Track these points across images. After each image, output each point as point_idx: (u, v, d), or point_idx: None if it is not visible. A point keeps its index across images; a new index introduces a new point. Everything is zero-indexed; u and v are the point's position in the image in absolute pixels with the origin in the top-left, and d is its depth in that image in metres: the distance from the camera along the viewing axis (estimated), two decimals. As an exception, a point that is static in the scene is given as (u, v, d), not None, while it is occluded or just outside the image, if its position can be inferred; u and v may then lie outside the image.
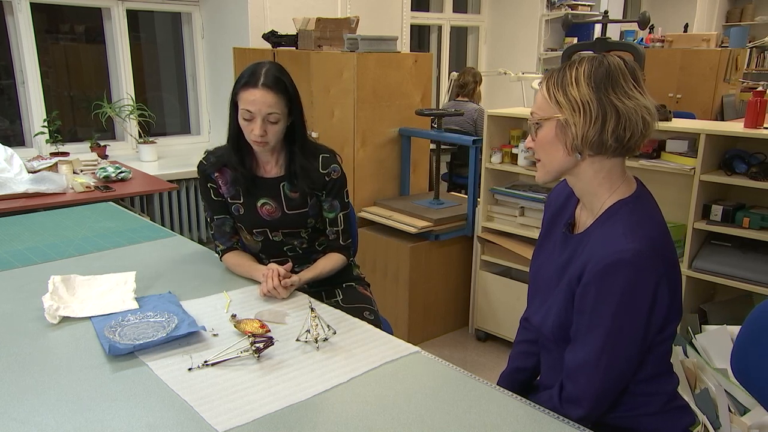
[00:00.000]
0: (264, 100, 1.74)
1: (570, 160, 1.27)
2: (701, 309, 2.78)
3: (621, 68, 1.23)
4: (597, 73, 1.21)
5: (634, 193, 1.29)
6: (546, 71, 1.34)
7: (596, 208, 1.30)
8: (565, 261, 1.33)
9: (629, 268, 1.18)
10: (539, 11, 5.74)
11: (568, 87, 1.23)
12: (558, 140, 1.26)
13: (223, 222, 1.97)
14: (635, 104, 1.21)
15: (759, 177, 2.46)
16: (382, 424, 1.19)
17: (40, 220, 2.46)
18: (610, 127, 1.21)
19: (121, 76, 4.21)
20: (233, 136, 1.85)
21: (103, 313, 1.60)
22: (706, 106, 5.47)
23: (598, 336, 1.23)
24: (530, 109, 1.33)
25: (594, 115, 1.21)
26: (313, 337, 1.49)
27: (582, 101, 1.21)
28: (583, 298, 1.25)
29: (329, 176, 1.90)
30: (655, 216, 1.29)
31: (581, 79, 1.22)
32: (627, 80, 1.22)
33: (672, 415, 1.34)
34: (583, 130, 1.22)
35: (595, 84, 1.21)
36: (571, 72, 1.24)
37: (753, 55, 7.93)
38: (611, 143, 1.22)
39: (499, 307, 3.29)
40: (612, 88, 1.21)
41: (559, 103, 1.24)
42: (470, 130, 4.55)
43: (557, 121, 1.25)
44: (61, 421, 1.17)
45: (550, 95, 1.25)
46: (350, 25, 3.66)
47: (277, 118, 1.77)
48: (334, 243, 2.00)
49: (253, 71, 1.77)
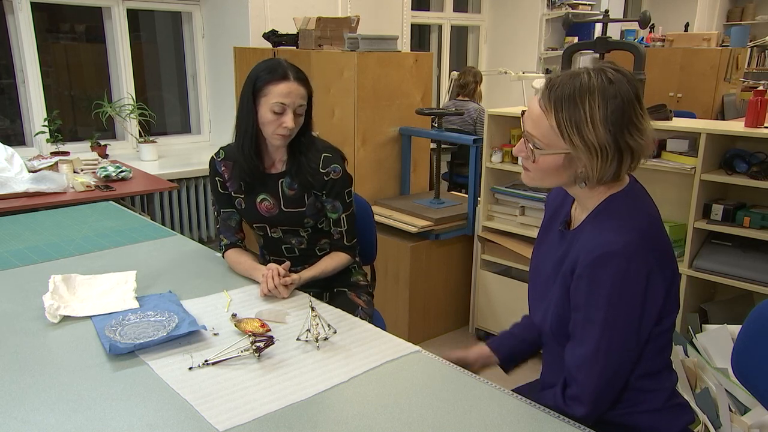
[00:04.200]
0: (298, 92, 1.79)
1: (570, 183, 1.28)
2: (702, 308, 2.78)
3: (632, 101, 1.19)
4: (613, 111, 1.17)
5: (625, 187, 1.30)
6: (546, 73, 1.29)
7: (589, 205, 1.31)
8: (561, 257, 1.34)
9: (619, 259, 1.19)
10: (540, 10, 5.74)
11: (584, 128, 1.18)
12: (564, 170, 1.25)
13: (230, 216, 1.99)
14: (647, 137, 1.22)
15: (759, 176, 2.45)
16: (382, 424, 1.19)
17: (40, 219, 2.46)
18: (626, 165, 1.22)
19: (122, 76, 4.21)
20: (250, 132, 1.84)
21: (104, 312, 1.61)
22: (707, 105, 5.46)
23: (594, 330, 1.24)
24: (524, 117, 1.28)
25: (611, 157, 1.20)
26: (313, 337, 1.49)
27: (600, 146, 1.18)
28: (577, 293, 1.26)
29: (328, 176, 1.90)
30: (647, 208, 1.30)
31: (596, 119, 1.17)
32: (638, 113, 1.20)
33: (671, 413, 1.34)
34: (600, 171, 1.21)
35: (612, 126, 1.17)
36: (584, 104, 1.17)
37: (754, 55, 7.92)
38: (623, 175, 1.26)
39: (499, 306, 3.29)
40: (627, 128, 1.19)
41: (574, 144, 1.19)
42: (470, 129, 4.55)
43: (567, 154, 1.22)
44: (62, 420, 1.17)
45: (562, 131, 1.19)
46: (351, 25, 3.66)
47: (303, 111, 1.84)
48: (338, 243, 2.01)
49: (274, 67, 1.79)
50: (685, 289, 2.67)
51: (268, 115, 1.79)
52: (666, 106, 2.81)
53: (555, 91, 1.20)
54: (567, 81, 1.20)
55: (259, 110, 1.81)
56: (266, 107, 1.78)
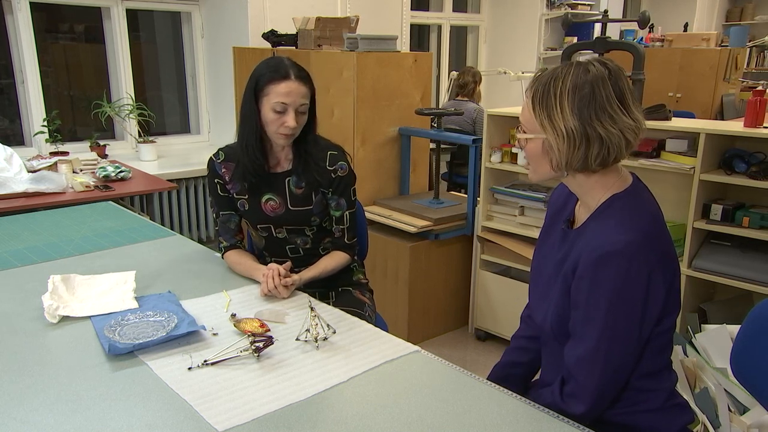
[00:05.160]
0: (299, 91, 1.79)
1: (557, 172, 1.30)
2: (701, 308, 2.79)
3: (605, 88, 1.21)
4: (582, 99, 1.21)
5: (628, 187, 1.30)
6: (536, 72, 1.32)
7: (592, 205, 1.32)
8: (563, 256, 1.35)
9: (621, 259, 1.20)
10: (539, 10, 5.74)
11: (553, 112, 1.23)
12: (544, 156, 1.28)
13: (229, 218, 1.98)
14: (620, 127, 1.22)
15: (759, 176, 2.46)
16: (382, 424, 1.19)
17: (39, 219, 2.46)
18: (594, 153, 1.23)
19: (121, 76, 4.21)
20: (253, 132, 1.84)
21: (103, 312, 1.60)
22: (706, 105, 5.46)
23: (595, 329, 1.24)
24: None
25: (578, 142, 1.22)
26: (312, 337, 1.49)
27: (566, 129, 1.22)
28: (578, 292, 1.26)
29: (335, 173, 1.90)
30: (649, 208, 1.30)
31: (566, 105, 1.22)
32: (611, 101, 1.22)
33: (671, 413, 1.35)
34: (567, 157, 1.24)
35: (579, 111, 1.21)
36: (555, 92, 1.23)
37: (753, 55, 7.93)
38: (594, 165, 1.25)
39: (498, 306, 3.29)
40: (596, 115, 1.21)
41: (544, 126, 1.25)
42: (470, 129, 4.55)
43: (543, 140, 1.26)
44: (61, 421, 1.17)
45: (536, 114, 1.26)
46: (350, 25, 3.66)
47: (305, 109, 1.83)
48: (338, 241, 2.01)
49: (276, 66, 1.79)
50: (685, 289, 2.67)
51: (270, 115, 1.79)
52: (665, 106, 2.81)
53: (536, 80, 1.27)
54: (549, 71, 1.26)
55: (261, 110, 1.81)
56: (268, 107, 1.79)
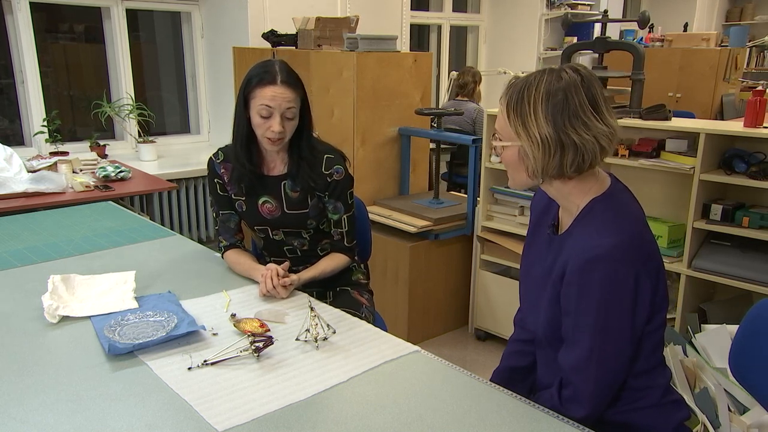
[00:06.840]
0: (284, 96, 1.77)
1: (533, 180, 1.30)
2: (701, 308, 2.78)
3: (578, 95, 1.21)
4: (555, 105, 1.21)
5: (607, 190, 1.30)
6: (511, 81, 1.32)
7: (573, 210, 1.32)
8: (550, 263, 1.35)
9: (606, 263, 1.20)
10: (539, 10, 5.74)
11: (527, 119, 1.23)
12: (520, 163, 1.28)
13: (229, 218, 1.98)
14: (593, 133, 1.22)
15: (759, 176, 2.46)
16: (382, 424, 1.19)
17: (39, 219, 2.46)
18: (569, 160, 1.23)
19: (121, 76, 4.20)
20: (242, 135, 1.85)
21: (103, 312, 1.60)
22: (706, 105, 5.46)
23: (586, 334, 1.24)
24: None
25: (553, 149, 1.23)
26: (312, 337, 1.49)
27: (541, 136, 1.22)
28: (567, 299, 1.26)
29: (331, 177, 1.90)
30: (630, 209, 1.30)
31: (539, 112, 1.22)
32: (584, 108, 1.22)
33: (666, 409, 1.35)
34: (543, 164, 1.24)
35: (554, 118, 1.21)
36: (529, 99, 1.23)
37: (753, 55, 7.93)
38: (570, 172, 1.25)
39: (498, 306, 3.29)
40: (570, 122, 1.21)
41: (519, 134, 1.25)
42: (470, 129, 4.55)
43: (519, 147, 1.26)
44: (61, 421, 1.17)
45: (511, 122, 1.26)
46: (350, 25, 3.66)
47: (293, 114, 1.81)
48: (338, 244, 2.00)
49: (265, 69, 1.78)
50: (685, 289, 2.67)
51: (256, 119, 1.79)
52: (665, 106, 2.81)
53: (511, 86, 1.27)
54: (523, 78, 1.27)
55: (250, 113, 1.81)
56: (255, 111, 1.79)
